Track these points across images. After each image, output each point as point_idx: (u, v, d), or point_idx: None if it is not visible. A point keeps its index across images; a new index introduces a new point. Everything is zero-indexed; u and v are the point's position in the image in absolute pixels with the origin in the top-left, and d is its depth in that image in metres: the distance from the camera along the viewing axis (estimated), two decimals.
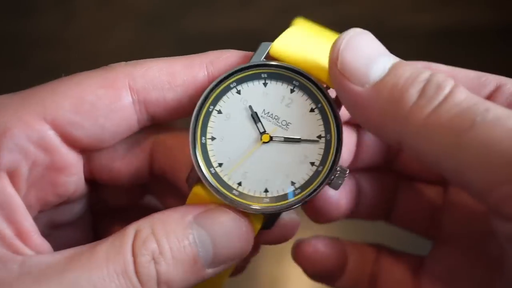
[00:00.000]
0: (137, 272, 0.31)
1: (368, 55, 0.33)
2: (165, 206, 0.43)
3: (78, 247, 0.33)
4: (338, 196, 0.42)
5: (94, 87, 0.35)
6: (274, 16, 0.91)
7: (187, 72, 0.37)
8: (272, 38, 0.37)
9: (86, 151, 0.37)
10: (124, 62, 0.37)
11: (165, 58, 0.37)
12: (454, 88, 0.31)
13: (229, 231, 0.35)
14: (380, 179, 0.45)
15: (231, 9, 0.93)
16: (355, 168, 0.44)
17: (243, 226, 0.35)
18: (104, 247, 0.32)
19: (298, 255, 0.45)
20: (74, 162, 0.37)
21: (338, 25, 0.38)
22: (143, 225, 0.33)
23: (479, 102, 0.30)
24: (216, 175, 0.36)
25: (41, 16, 0.88)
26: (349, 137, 0.41)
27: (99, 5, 0.92)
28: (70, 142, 0.36)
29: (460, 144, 0.29)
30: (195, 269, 0.33)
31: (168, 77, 0.36)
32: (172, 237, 0.33)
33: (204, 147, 0.36)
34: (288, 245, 0.46)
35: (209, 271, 0.34)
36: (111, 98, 0.35)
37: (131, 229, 0.33)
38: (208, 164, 0.36)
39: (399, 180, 0.46)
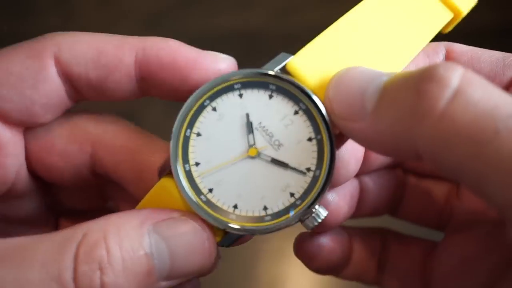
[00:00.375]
0: (76, 281, 0.28)
1: (357, 89, 0.31)
2: (120, 210, 0.40)
3: (26, 237, 0.30)
4: (338, 203, 0.40)
5: (20, 58, 0.33)
6: (275, 16, 0.91)
7: (115, 53, 0.34)
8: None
9: (22, 127, 0.35)
10: (59, 32, 0.35)
11: (103, 34, 0.35)
12: (464, 81, 0.27)
13: (190, 244, 0.32)
14: (385, 176, 0.43)
15: (231, 9, 0.93)
16: (363, 173, 0.41)
17: (205, 240, 0.32)
18: (45, 246, 0.28)
19: (300, 251, 0.42)
20: (9, 140, 0.35)
21: None
22: (94, 228, 0.30)
23: (499, 103, 0.26)
24: (189, 174, 0.34)
25: (41, 16, 0.88)
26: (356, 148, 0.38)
27: (99, 5, 0.92)
28: (1, 117, 0.34)
29: (481, 155, 0.26)
30: (148, 282, 0.30)
31: (94, 54, 0.34)
32: (126, 245, 0.29)
33: (186, 140, 0.34)
34: (286, 245, 0.45)
35: (163, 283, 0.31)
36: (37, 68, 0.33)
37: (79, 230, 0.30)
38: (185, 159, 0.33)
39: (405, 175, 0.44)
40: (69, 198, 0.43)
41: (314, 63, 0.34)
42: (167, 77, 0.35)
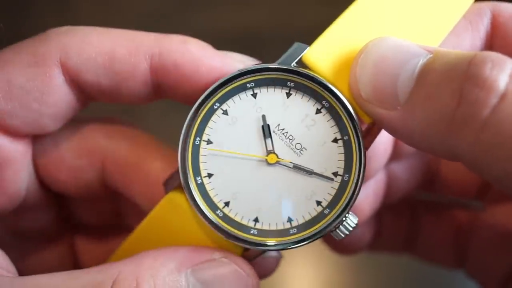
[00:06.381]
0: None
1: (389, 71, 0.27)
2: (131, 223, 0.39)
3: (43, 276, 0.27)
4: (359, 205, 0.37)
5: (22, 66, 0.30)
6: (276, 16, 0.91)
7: (128, 60, 0.31)
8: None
9: (29, 137, 0.33)
10: (64, 29, 0.32)
11: (113, 31, 0.32)
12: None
13: None
14: (398, 208, 0.41)
15: (232, 9, 0.92)
16: (387, 205, 0.38)
17: (249, 284, 0.30)
18: None
19: (329, 240, 0.39)
20: (18, 155, 0.32)
21: None
22: (126, 272, 0.27)
23: None
24: (201, 187, 0.31)
25: (40, 16, 0.87)
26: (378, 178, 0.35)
27: (99, 5, 0.91)
28: (8, 131, 0.31)
29: None
30: None
31: (105, 60, 0.31)
32: None
33: (196, 149, 0.31)
34: None
35: None
36: (42, 78, 0.30)
37: (109, 275, 0.27)
38: (196, 171, 0.31)
39: (419, 208, 0.41)
40: (83, 212, 0.41)
41: (336, 52, 0.30)
42: (187, 85, 0.32)
